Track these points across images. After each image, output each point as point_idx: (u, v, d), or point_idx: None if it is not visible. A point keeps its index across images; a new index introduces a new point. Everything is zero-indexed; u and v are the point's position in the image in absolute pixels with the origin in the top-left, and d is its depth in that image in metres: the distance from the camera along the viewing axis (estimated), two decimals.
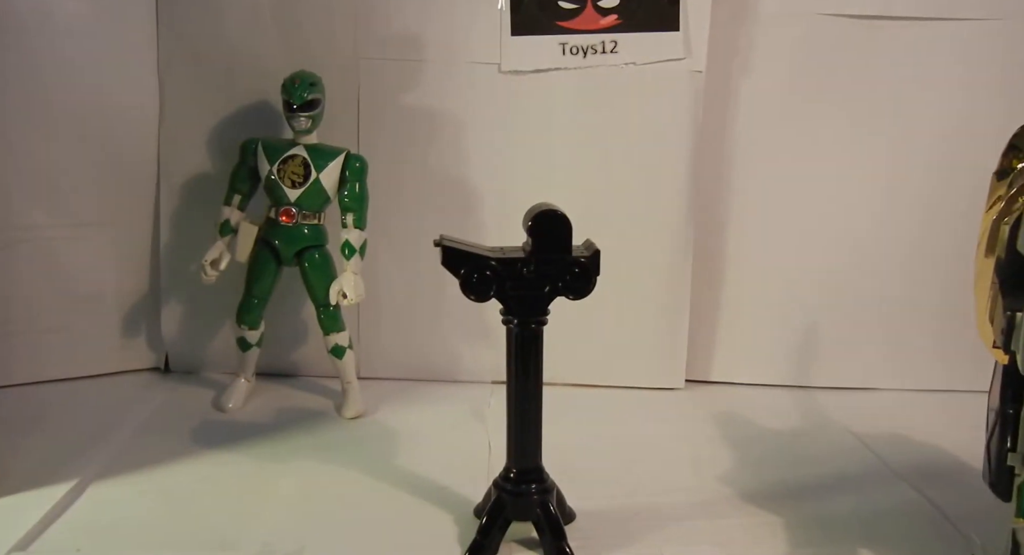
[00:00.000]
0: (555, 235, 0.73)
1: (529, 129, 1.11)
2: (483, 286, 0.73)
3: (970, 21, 1.09)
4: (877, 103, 1.11)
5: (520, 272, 0.73)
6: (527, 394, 0.76)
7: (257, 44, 1.09)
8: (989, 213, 0.69)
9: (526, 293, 0.74)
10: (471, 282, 0.73)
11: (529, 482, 0.77)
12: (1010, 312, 0.62)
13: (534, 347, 0.75)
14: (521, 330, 0.75)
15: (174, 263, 1.15)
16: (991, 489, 0.69)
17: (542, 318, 0.75)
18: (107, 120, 1.10)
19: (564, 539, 0.75)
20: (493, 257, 0.74)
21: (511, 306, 0.75)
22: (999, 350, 0.65)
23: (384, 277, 1.13)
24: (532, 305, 0.75)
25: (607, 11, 1.08)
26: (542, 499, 0.76)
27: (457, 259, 0.74)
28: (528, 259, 0.73)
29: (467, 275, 0.73)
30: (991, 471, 0.69)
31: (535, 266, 0.73)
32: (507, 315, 0.75)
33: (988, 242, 0.68)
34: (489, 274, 0.73)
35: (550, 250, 0.73)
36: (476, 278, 0.73)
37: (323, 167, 1.01)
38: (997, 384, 0.68)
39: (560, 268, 0.73)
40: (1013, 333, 0.61)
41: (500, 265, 0.73)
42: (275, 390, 1.12)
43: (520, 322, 0.75)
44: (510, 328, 0.75)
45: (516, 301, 0.74)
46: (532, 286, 0.74)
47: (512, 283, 0.74)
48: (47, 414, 1.03)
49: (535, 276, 0.73)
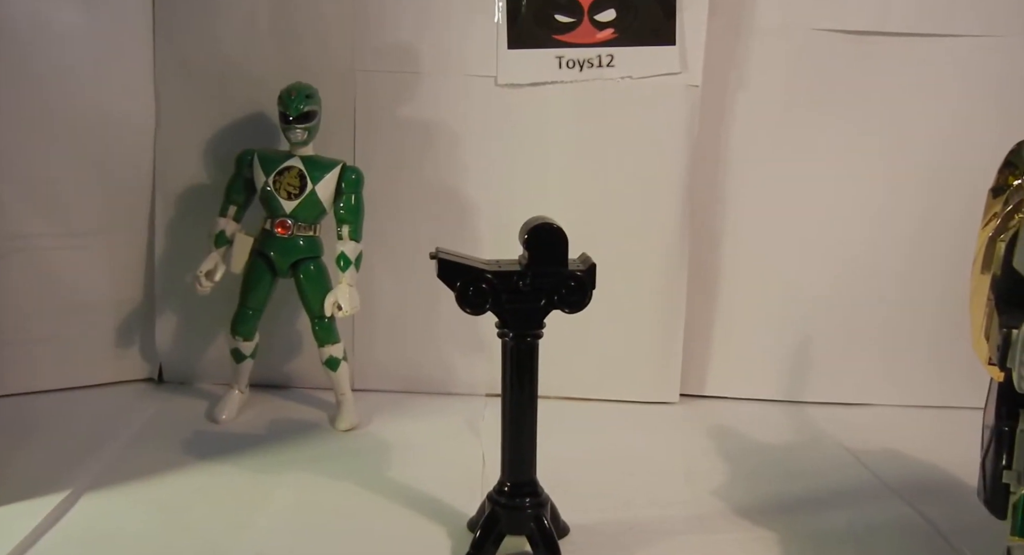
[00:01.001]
0: (551, 248, 0.73)
1: (525, 142, 1.11)
2: (479, 299, 0.73)
3: (967, 38, 1.09)
4: (873, 119, 1.11)
5: (516, 285, 0.73)
6: (522, 407, 0.76)
7: (253, 55, 1.09)
8: (985, 230, 0.69)
9: (522, 307, 0.74)
10: (467, 295, 0.73)
11: (523, 496, 0.77)
12: (1006, 329, 0.62)
13: (529, 361, 0.75)
14: (517, 343, 0.75)
15: (169, 274, 1.14)
16: (986, 506, 0.69)
17: (538, 331, 0.75)
18: (103, 130, 1.10)
19: (558, 553, 0.75)
20: (489, 270, 0.74)
21: (507, 319, 0.75)
22: (994, 367, 0.65)
23: (379, 289, 1.13)
24: (528, 318, 0.75)
25: (603, 25, 1.09)
26: (536, 513, 0.76)
27: (453, 272, 0.74)
28: (524, 272, 0.73)
29: (463, 288, 0.73)
30: (986, 488, 0.69)
31: (531, 279, 0.73)
32: (503, 328, 0.75)
33: (984, 259, 0.68)
34: (485, 287, 0.73)
35: (546, 263, 0.73)
36: (472, 291, 0.73)
37: (319, 179, 1.01)
38: (992, 401, 0.68)
39: (556, 281, 0.73)
40: (1008, 350, 0.61)
41: (496, 278, 0.73)
42: (269, 402, 1.12)
43: (516, 335, 0.75)
44: (505, 342, 0.75)
45: (512, 315, 0.74)
46: (528, 299, 0.74)
47: (508, 296, 0.74)
48: (40, 424, 1.03)
49: (531, 289, 0.73)
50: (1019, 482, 0.66)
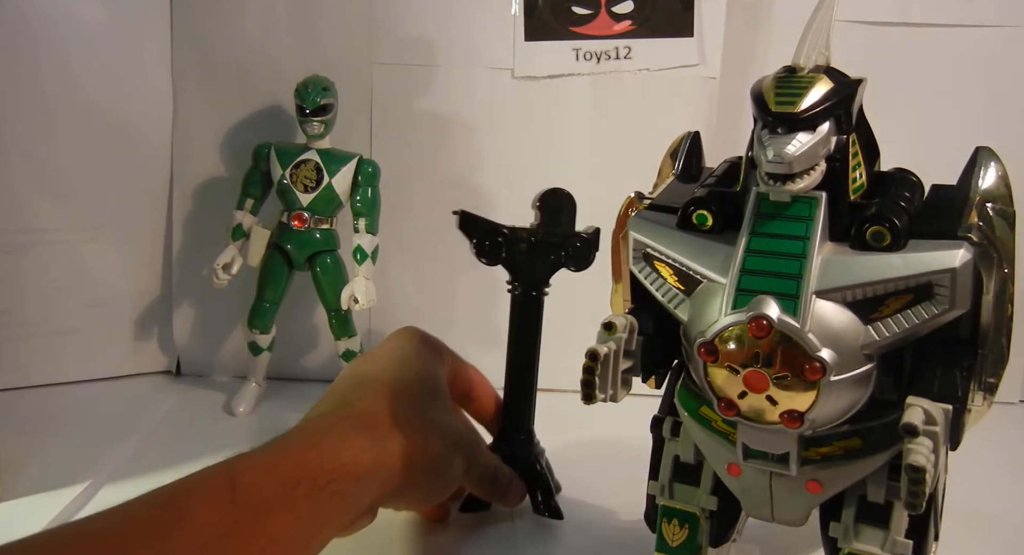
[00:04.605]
0: (560, 211, 0.81)
1: (542, 134, 1.11)
2: (494, 251, 0.81)
3: (991, 27, 1.08)
4: (894, 111, 1.10)
5: (528, 240, 0.80)
6: (523, 358, 0.83)
7: (271, 49, 1.09)
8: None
9: (531, 261, 0.81)
10: (483, 247, 0.81)
11: (520, 443, 0.83)
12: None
13: (534, 314, 0.82)
14: (524, 297, 0.82)
15: (186, 267, 1.15)
16: (645, 520, 0.68)
17: (544, 287, 0.82)
18: (121, 124, 1.10)
19: (551, 494, 0.82)
20: (505, 226, 0.81)
21: (517, 273, 0.81)
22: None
23: (395, 282, 1.13)
24: (536, 273, 0.81)
25: (621, 17, 1.08)
26: (532, 455, 0.82)
27: (472, 225, 0.81)
28: (536, 230, 0.81)
29: (480, 241, 0.81)
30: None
31: (542, 236, 0.80)
32: (513, 282, 0.82)
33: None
34: (500, 241, 0.80)
35: (556, 224, 0.80)
36: (488, 244, 0.80)
37: (336, 172, 1.01)
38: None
39: (564, 240, 0.80)
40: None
41: (510, 233, 0.81)
42: (286, 394, 1.12)
43: (523, 289, 0.81)
44: (515, 295, 0.82)
45: (522, 268, 0.81)
46: (538, 255, 0.80)
47: (519, 251, 0.81)
48: (59, 416, 1.04)
49: (541, 245, 0.80)
50: (662, 494, 0.64)
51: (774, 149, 0.50)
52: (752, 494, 0.60)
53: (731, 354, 0.52)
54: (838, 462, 0.55)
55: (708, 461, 0.62)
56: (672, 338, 0.58)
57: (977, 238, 0.52)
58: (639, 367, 0.60)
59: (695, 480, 0.64)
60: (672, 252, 0.57)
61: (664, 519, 0.64)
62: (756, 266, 0.53)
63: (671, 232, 0.58)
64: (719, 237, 0.56)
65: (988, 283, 0.52)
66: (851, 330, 0.51)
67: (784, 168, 0.50)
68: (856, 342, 0.51)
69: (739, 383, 0.52)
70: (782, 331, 0.50)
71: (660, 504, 0.64)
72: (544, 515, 0.81)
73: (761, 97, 0.52)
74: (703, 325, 0.53)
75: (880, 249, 0.52)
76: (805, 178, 0.51)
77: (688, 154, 0.67)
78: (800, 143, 0.50)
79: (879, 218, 0.52)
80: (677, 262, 0.57)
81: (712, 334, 0.52)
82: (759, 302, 0.51)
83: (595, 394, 0.56)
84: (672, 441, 0.64)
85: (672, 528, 0.64)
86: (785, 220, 0.53)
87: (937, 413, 0.48)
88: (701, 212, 0.57)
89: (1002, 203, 0.56)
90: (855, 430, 0.54)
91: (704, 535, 0.63)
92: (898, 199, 0.54)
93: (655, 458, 0.66)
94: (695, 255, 0.56)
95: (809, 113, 0.51)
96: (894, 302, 0.51)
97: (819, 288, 0.51)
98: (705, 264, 0.56)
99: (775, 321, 0.50)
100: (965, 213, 0.54)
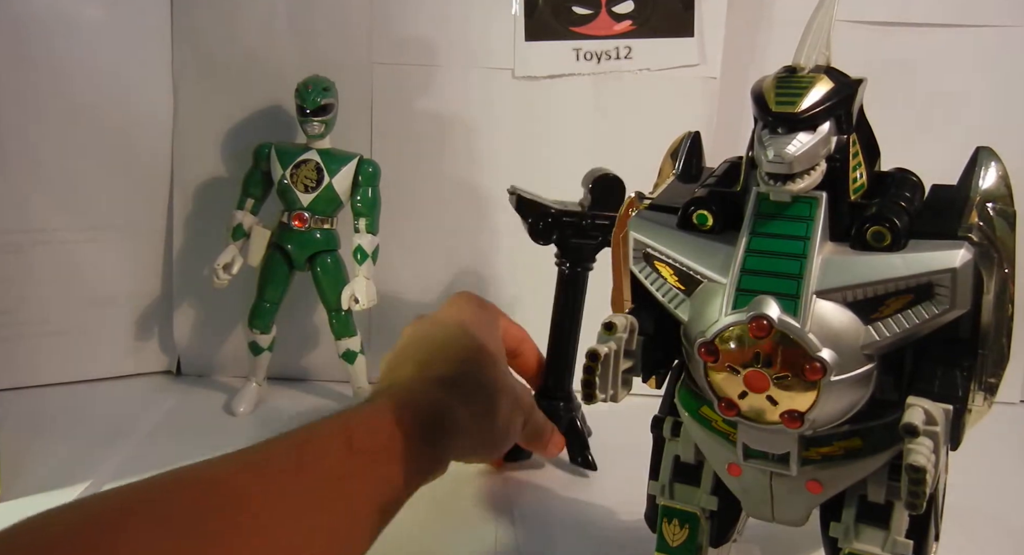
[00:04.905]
0: (611, 194, 0.87)
1: (542, 134, 1.11)
2: (547, 232, 0.88)
3: (993, 27, 1.08)
4: (896, 112, 1.10)
5: (579, 223, 0.87)
6: (565, 326, 0.90)
7: (271, 49, 1.09)
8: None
9: (580, 242, 0.87)
10: (538, 228, 0.88)
11: (559, 400, 0.91)
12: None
13: (579, 288, 0.90)
14: (571, 273, 0.89)
15: (187, 267, 1.15)
16: (646, 521, 0.67)
17: (589, 264, 0.89)
18: (122, 124, 1.10)
19: (587, 446, 0.91)
20: (558, 209, 0.87)
21: (566, 252, 0.89)
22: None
23: (396, 282, 1.13)
24: (584, 252, 0.88)
25: (621, 17, 1.08)
26: (570, 416, 0.91)
27: (528, 208, 0.88)
28: (587, 214, 0.87)
29: (535, 222, 0.87)
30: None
31: (592, 219, 0.87)
32: (561, 258, 0.89)
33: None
34: (552, 222, 0.87)
35: (605, 207, 0.86)
36: (542, 226, 0.87)
37: (336, 172, 1.01)
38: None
39: (611, 222, 0.82)
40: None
41: (563, 216, 0.87)
42: (286, 394, 1.12)
43: (571, 266, 0.89)
44: (563, 270, 0.89)
45: (571, 248, 0.88)
46: (586, 236, 0.87)
47: (571, 232, 0.87)
48: (60, 416, 1.04)
49: (590, 227, 0.87)
50: (662, 494, 0.64)
51: (774, 149, 0.50)
52: (752, 494, 0.60)
53: (731, 354, 0.52)
54: (838, 462, 0.55)
55: (708, 461, 0.62)
56: (672, 338, 0.58)
57: (977, 238, 0.51)
58: (639, 367, 0.59)
59: (695, 480, 0.64)
60: (672, 252, 0.57)
61: (664, 519, 0.64)
62: (756, 266, 0.53)
63: (671, 232, 0.58)
64: (719, 237, 0.56)
65: (988, 283, 0.52)
66: (851, 330, 0.51)
67: (784, 168, 0.50)
68: (856, 342, 0.51)
69: (739, 383, 0.52)
70: (782, 331, 0.50)
71: (660, 504, 0.64)
72: (578, 464, 0.91)
73: (761, 97, 0.52)
74: (703, 325, 0.53)
75: (880, 249, 0.51)
76: (805, 178, 0.51)
77: (688, 154, 0.67)
78: (800, 143, 0.50)
79: (879, 218, 0.52)
80: (677, 262, 0.57)
81: (712, 334, 0.52)
82: (759, 302, 0.51)
83: (595, 394, 0.56)
84: (672, 441, 0.64)
85: (672, 528, 0.64)
86: (785, 220, 0.53)
87: (937, 413, 0.48)
88: (701, 212, 0.57)
89: (1002, 203, 0.56)
90: (855, 430, 0.54)
91: (704, 535, 0.63)
92: (898, 199, 0.54)
93: (655, 458, 0.66)
94: (695, 255, 0.56)
95: (809, 113, 0.50)
96: (894, 302, 0.51)
97: (819, 288, 0.51)
98: (705, 264, 0.55)
99: (775, 321, 0.50)
100: (965, 213, 0.54)
